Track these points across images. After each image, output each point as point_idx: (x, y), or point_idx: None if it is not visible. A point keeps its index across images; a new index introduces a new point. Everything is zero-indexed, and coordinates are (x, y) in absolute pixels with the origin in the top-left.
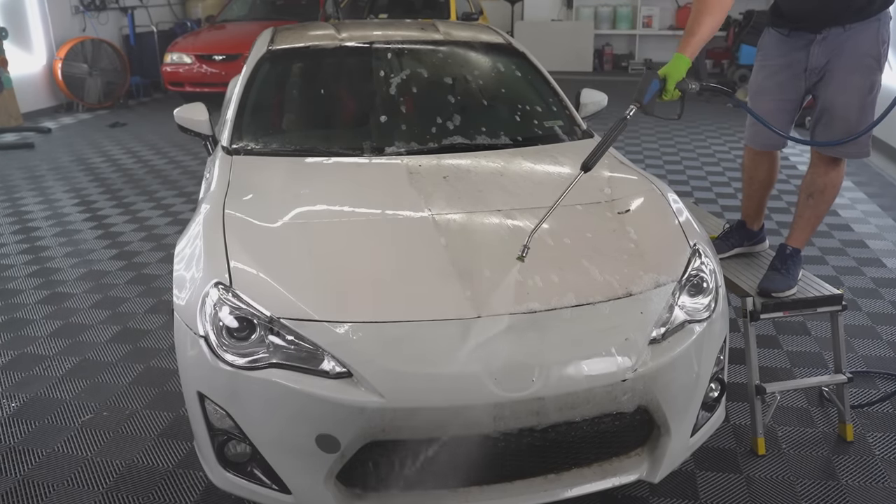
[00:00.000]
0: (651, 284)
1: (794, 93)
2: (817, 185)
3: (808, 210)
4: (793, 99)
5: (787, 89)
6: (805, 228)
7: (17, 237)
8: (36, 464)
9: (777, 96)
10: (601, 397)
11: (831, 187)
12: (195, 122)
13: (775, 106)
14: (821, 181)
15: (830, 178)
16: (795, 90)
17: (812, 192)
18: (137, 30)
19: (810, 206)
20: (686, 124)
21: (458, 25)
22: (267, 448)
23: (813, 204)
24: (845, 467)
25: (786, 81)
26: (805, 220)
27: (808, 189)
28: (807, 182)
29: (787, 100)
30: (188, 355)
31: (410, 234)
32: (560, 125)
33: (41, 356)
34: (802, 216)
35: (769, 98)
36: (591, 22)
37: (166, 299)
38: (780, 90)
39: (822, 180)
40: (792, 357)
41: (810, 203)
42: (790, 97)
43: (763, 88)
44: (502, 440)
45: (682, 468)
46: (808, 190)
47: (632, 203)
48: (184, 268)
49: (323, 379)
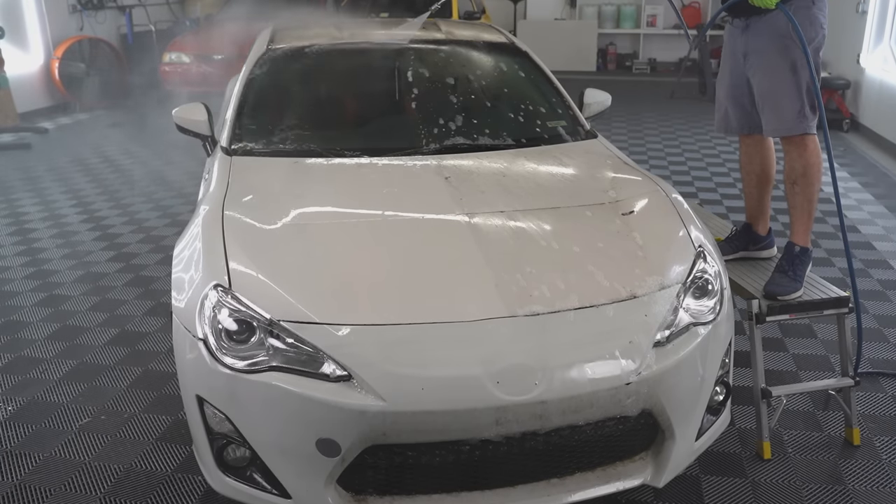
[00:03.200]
0: (655, 286)
1: (739, 78)
2: (796, 170)
3: (797, 198)
4: (739, 84)
5: (734, 74)
6: (802, 217)
7: (14, 239)
8: (33, 468)
9: (729, 82)
10: (605, 401)
11: (811, 168)
12: (194, 122)
13: (730, 92)
14: (798, 165)
15: (806, 159)
16: (740, 75)
17: (795, 179)
18: (135, 29)
19: (798, 193)
20: (690, 124)
21: (460, 24)
22: (266, 452)
23: (799, 190)
24: (852, 471)
25: (733, 67)
26: (799, 210)
27: (790, 177)
28: (787, 171)
29: (736, 85)
30: (187, 358)
31: (411, 236)
32: (564, 125)
33: (38, 359)
34: (795, 206)
35: (724, 85)
36: (594, 21)
37: (165, 302)
38: (730, 76)
39: (799, 164)
40: (798, 360)
41: (797, 190)
42: (737, 83)
43: (721, 76)
44: (505, 444)
45: (687, 472)
46: (790, 178)
47: (636, 204)
48: (182, 270)
49: (323, 382)
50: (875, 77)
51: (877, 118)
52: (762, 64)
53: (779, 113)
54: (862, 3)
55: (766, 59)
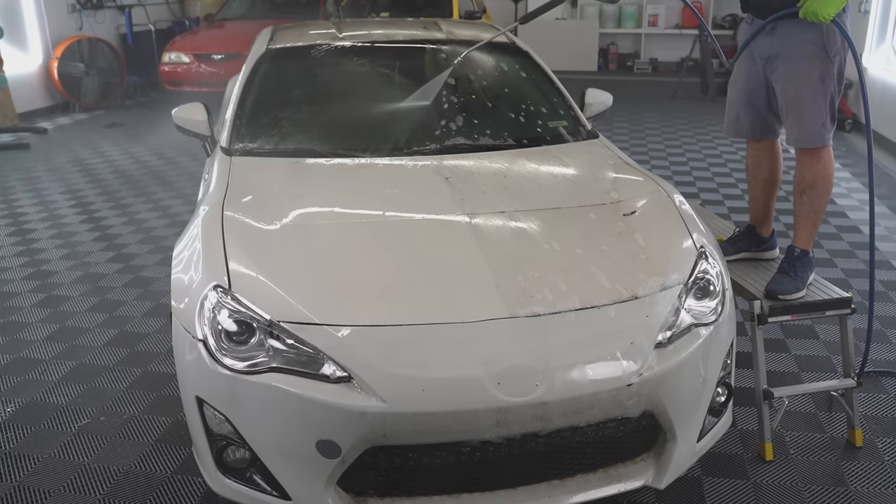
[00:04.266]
0: (657, 287)
1: (756, 81)
2: (806, 180)
3: (804, 207)
4: (756, 88)
5: (751, 77)
6: (806, 226)
7: (13, 239)
8: (31, 469)
9: (744, 85)
10: (606, 402)
11: (821, 180)
12: (193, 122)
13: (740, 94)
14: (809, 175)
15: (817, 171)
16: (757, 78)
17: (804, 189)
18: (135, 28)
19: (805, 203)
20: (692, 124)
21: (460, 24)
22: (266, 453)
23: (807, 200)
24: (854, 473)
25: (750, 70)
26: (804, 218)
27: (800, 186)
28: (797, 180)
29: (752, 89)
30: (186, 359)
31: (412, 237)
32: (565, 125)
33: (37, 360)
34: (801, 214)
35: (737, 87)
36: (595, 21)
37: (164, 302)
38: (746, 79)
39: (810, 174)
40: (800, 361)
41: (805, 200)
42: (754, 86)
43: (734, 78)
44: (505, 445)
45: (689, 474)
46: (800, 187)
47: (637, 205)
48: (182, 270)
49: (323, 383)
50: (878, 77)
51: (879, 118)
52: (789, 70)
53: (802, 123)
54: (864, 3)
55: (794, 66)
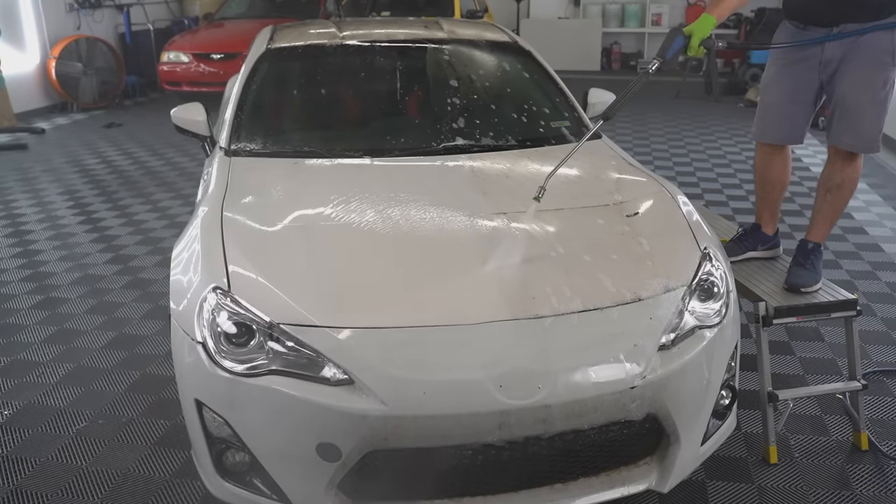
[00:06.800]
0: (660, 289)
1: (807, 85)
2: (835, 180)
3: (826, 205)
4: (805, 92)
5: (800, 81)
6: (824, 223)
7: (10, 240)
8: (29, 473)
9: (790, 88)
10: (609, 405)
11: (849, 182)
12: (193, 122)
13: (787, 97)
14: (838, 176)
15: (847, 174)
16: (809, 83)
17: (830, 188)
18: (133, 28)
19: (828, 202)
20: (696, 124)
21: (462, 23)
22: (266, 457)
23: (831, 199)
24: (860, 476)
25: (800, 74)
26: (824, 216)
27: (826, 184)
28: (824, 177)
29: (800, 92)
30: (185, 362)
31: (412, 238)
32: (567, 126)
33: (34, 363)
34: (821, 211)
35: (780, 89)
36: (598, 20)
37: (163, 304)
38: (793, 82)
39: (840, 175)
40: (805, 364)
41: (828, 199)
42: (803, 90)
43: (776, 79)
44: (507, 449)
45: (693, 478)
46: (826, 185)
47: (641, 205)
48: (181, 272)
49: (324, 386)
50: None
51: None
52: (854, 75)
53: (858, 128)
54: None
55: (860, 71)
